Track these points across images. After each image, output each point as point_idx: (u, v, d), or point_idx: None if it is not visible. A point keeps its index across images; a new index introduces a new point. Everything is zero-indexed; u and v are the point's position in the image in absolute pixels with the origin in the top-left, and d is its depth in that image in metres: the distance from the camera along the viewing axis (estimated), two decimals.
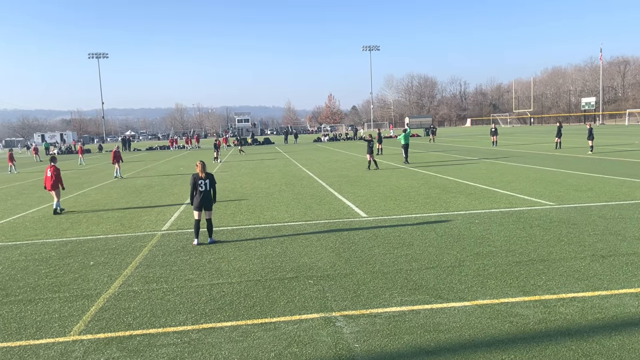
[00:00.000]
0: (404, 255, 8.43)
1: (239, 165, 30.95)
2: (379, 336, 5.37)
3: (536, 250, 8.36)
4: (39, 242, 10.87)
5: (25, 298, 7.17)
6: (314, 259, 8.46)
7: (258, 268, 8.09)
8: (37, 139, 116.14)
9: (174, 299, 6.84)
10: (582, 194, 13.77)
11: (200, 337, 5.57)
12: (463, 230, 10.00)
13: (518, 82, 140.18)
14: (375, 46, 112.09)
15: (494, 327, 5.46)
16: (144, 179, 24.43)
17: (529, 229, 9.92)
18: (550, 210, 11.72)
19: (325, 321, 5.84)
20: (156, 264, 8.59)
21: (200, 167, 9.83)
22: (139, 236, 10.96)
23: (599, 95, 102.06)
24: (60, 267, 8.67)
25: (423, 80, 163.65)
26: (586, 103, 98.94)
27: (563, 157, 25.43)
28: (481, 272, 7.34)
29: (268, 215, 12.69)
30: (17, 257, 9.55)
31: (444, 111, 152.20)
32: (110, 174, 28.54)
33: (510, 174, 19.20)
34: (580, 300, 6.14)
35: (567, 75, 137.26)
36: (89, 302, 6.84)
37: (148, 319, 6.17)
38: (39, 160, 48.47)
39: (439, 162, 25.90)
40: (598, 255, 7.92)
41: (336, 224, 11.27)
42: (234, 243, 9.88)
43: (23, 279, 8.12)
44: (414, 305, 6.21)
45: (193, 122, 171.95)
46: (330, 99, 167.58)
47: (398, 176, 20.08)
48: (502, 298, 6.30)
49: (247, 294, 6.90)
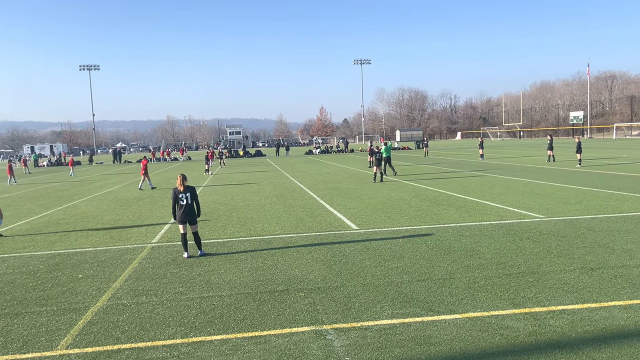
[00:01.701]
0: (395, 267, 8.43)
1: (230, 177, 30.88)
2: (370, 349, 5.35)
3: (526, 263, 8.40)
4: (27, 254, 10.75)
5: (12, 312, 7.07)
6: (304, 271, 8.43)
7: (248, 281, 8.04)
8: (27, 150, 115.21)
9: (164, 312, 6.78)
10: (571, 206, 13.89)
11: (190, 350, 5.52)
12: (453, 243, 10.03)
13: (507, 96, 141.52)
14: (366, 60, 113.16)
15: (484, 340, 5.47)
16: (134, 191, 24.28)
17: (518, 241, 9.97)
18: (539, 222, 11.80)
19: (316, 334, 5.81)
20: (146, 277, 8.52)
21: (180, 180, 9.68)
22: (128, 249, 10.87)
23: (586, 109, 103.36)
24: (48, 280, 8.57)
25: (414, 94, 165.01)
26: (574, 117, 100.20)
27: (552, 170, 25.65)
28: (472, 285, 7.36)
29: (259, 228, 12.65)
30: (4, 270, 9.42)
31: (435, 124, 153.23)
32: (102, 186, 28.38)
33: (500, 186, 19.33)
34: (569, 312, 6.17)
35: (555, 90, 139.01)
36: (77, 316, 6.76)
37: (137, 332, 6.10)
38: (28, 172, 48.09)
39: (429, 175, 26.01)
40: (587, 268, 7.97)
41: (327, 236, 11.26)
42: (225, 256, 9.84)
43: (10, 292, 8.01)
44: (405, 318, 6.20)
45: (184, 134, 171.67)
46: (322, 112, 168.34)
47: (389, 189, 20.14)
48: (493, 311, 6.32)
49: (237, 307, 6.86)
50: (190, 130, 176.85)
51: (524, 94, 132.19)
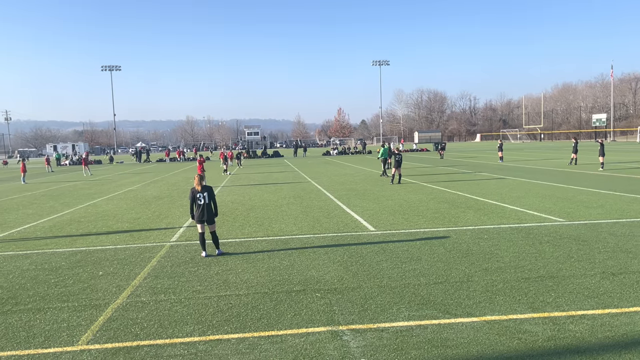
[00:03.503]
0: (412, 269, 8.40)
1: (247, 177, 31.06)
2: (386, 351, 5.34)
3: (545, 267, 8.29)
4: (49, 251, 10.96)
5: (34, 307, 7.22)
6: (321, 272, 8.45)
7: (265, 280, 8.09)
8: (50, 149, 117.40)
9: (182, 310, 6.86)
10: (593, 210, 13.67)
11: (207, 348, 5.58)
12: (472, 246, 9.95)
13: (528, 97, 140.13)
14: (385, 61, 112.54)
15: (502, 344, 5.42)
16: (154, 190, 24.58)
17: (538, 245, 9.85)
18: (560, 226, 11.64)
19: (332, 335, 5.82)
20: (164, 275, 8.62)
21: (197, 180, 9.77)
22: (147, 247, 11.01)
23: (610, 111, 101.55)
24: (70, 277, 8.73)
25: (432, 95, 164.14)
26: (597, 119, 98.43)
27: (573, 174, 25.27)
28: (490, 288, 7.30)
29: (276, 228, 12.71)
30: (27, 266, 9.63)
31: (454, 126, 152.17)
32: (122, 185, 28.78)
33: (520, 189, 19.10)
34: (590, 317, 6.08)
35: (577, 92, 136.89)
36: (97, 312, 6.87)
37: (155, 329, 6.19)
38: (50, 170, 48.96)
39: (447, 177, 25.83)
40: (608, 273, 7.84)
41: (344, 237, 11.26)
42: (242, 255, 9.90)
43: (33, 287, 8.18)
44: (422, 320, 6.17)
45: (203, 135, 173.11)
46: (339, 113, 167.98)
47: (406, 190, 20.05)
48: (511, 314, 6.26)
49: (254, 306, 6.91)
50: (209, 130, 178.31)
51: (545, 95, 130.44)
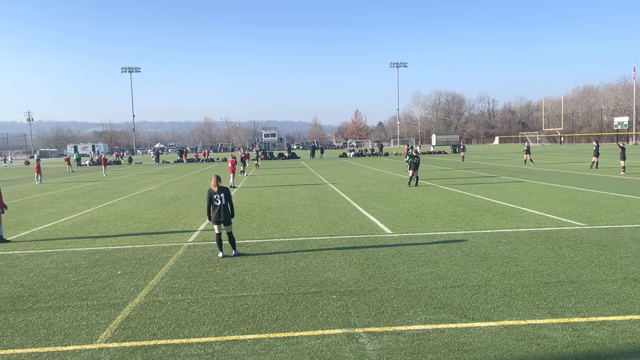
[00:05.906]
0: (429, 273, 8.34)
1: (264, 179, 31.18)
2: (402, 354, 5.31)
3: (565, 272, 8.17)
4: (69, 250, 11.13)
5: (54, 305, 7.33)
6: (337, 274, 8.44)
7: (282, 282, 8.11)
8: (70, 149, 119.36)
9: (199, 310, 6.91)
10: (614, 215, 13.43)
11: (224, 349, 5.60)
12: (490, 249, 9.85)
13: (548, 100, 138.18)
14: (402, 63, 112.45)
15: (520, 349, 5.35)
16: (172, 191, 24.81)
17: (557, 249, 9.71)
18: (580, 231, 11.46)
19: (348, 337, 5.81)
20: (182, 275, 8.69)
21: (214, 181, 9.84)
22: (165, 247, 11.12)
23: (632, 114, 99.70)
24: (89, 276, 8.85)
25: (450, 97, 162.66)
26: (619, 122, 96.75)
27: (594, 177, 24.87)
28: (508, 292, 7.21)
29: (293, 229, 12.73)
30: (47, 265, 9.79)
31: (472, 128, 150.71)
32: (140, 185, 29.09)
33: (539, 193, 18.85)
34: (610, 324, 5.97)
35: (599, 94, 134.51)
36: (116, 311, 6.96)
37: (173, 329, 6.24)
38: (71, 170, 49.75)
39: (465, 180, 25.61)
40: (630, 279, 7.69)
41: (360, 239, 11.23)
42: (259, 256, 9.94)
43: (53, 286, 8.31)
44: (439, 323, 6.13)
45: (221, 136, 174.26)
46: (356, 115, 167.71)
47: (424, 193, 19.93)
48: (529, 319, 6.17)
49: (270, 307, 6.92)
50: (226, 132, 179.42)
51: (565, 98, 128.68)
